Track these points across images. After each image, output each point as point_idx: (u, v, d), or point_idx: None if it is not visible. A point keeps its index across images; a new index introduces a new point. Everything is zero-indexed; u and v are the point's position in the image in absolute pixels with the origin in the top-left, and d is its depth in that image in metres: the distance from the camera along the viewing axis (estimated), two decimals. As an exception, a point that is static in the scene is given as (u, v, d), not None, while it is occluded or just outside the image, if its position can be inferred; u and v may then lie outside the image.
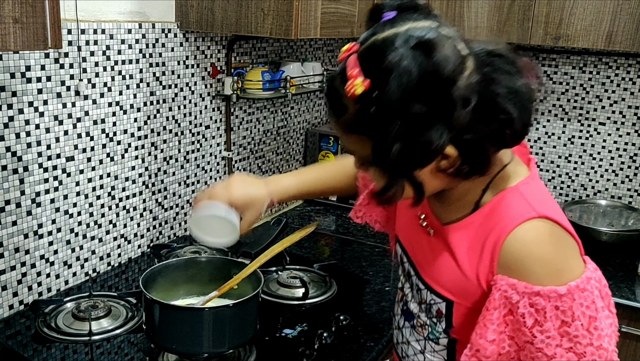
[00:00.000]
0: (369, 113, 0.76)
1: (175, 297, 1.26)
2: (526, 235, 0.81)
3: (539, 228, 0.81)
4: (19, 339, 1.30)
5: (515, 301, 0.79)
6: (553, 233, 0.82)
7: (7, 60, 1.28)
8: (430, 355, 0.97)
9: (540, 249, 0.80)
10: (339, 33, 1.73)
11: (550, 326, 0.78)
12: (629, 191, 2.30)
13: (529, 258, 0.80)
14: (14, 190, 1.35)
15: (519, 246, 0.81)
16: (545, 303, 0.78)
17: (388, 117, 0.75)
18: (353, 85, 0.77)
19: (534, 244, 0.81)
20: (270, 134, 2.20)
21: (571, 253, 0.83)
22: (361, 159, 0.85)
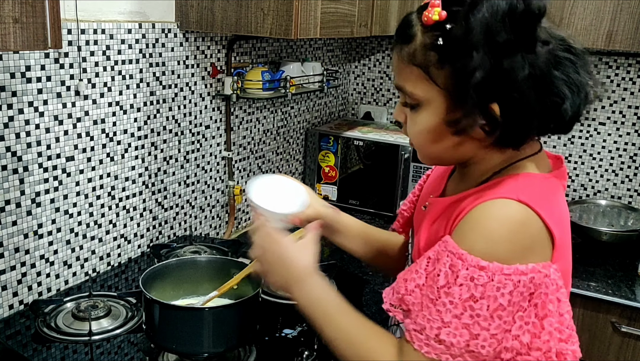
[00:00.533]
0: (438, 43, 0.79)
1: (175, 297, 1.26)
2: (489, 207, 0.80)
3: (508, 207, 0.79)
4: (18, 339, 1.30)
5: (440, 256, 0.80)
6: (521, 220, 0.78)
7: (7, 60, 1.28)
8: None
9: (492, 225, 0.78)
10: (338, 33, 1.73)
11: (457, 292, 0.77)
12: (629, 191, 2.30)
13: (475, 226, 0.79)
14: (14, 190, 1.35)
15: (477, 213, 0.80)
16: (462, 268, 0.77)
17: (470, 46, 0.76)
18: (432, 11, 0.79)
19: (490, 217, 0.79)
20: (270, 134, 2.20)
21: (528, 249, 0.79)
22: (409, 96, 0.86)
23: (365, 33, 1.87)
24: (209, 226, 1.99)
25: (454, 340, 0.77)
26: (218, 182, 1.98)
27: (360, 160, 2.35)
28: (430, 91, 0.83)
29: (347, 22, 1.76)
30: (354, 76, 2.78)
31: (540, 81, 0.78)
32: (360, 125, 2.50)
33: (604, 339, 1.76)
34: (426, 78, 0.82)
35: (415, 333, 0.81)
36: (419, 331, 0.81)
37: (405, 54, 0.84)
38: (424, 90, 0.83)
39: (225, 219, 2.06)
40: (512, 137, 0.82)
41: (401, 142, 2.22)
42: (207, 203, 1.96)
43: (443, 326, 0.78)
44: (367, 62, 2.74)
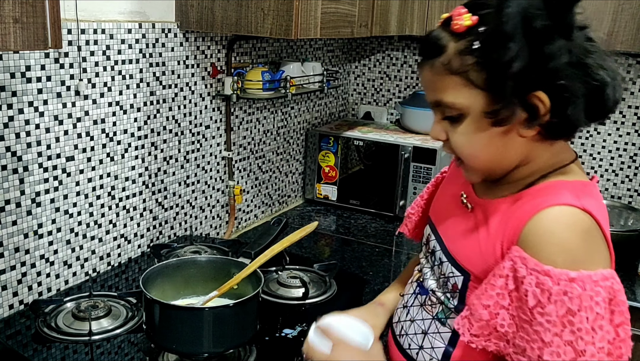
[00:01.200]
0: (474, 46, 0.79)
1: (175, 297, 1.26)
2: (557, 215, 0.79)
3: (576, 216, 0.79)
4: (19, 339, 1.30)
5: (521, 275, 0.77)
6: (588, 230, 0.79)
7: (7, 60, 1.28)
8: (432, 336, 0.95)
9: (567, 235, 0.77)
10: (339, 33, 1.73)
11: (552, 310, 0.74)
12: (629, 191, 2.30)
13: (551, 238, 0.77)
14: (14, 190, 1.35)
15: (546, 223, 0.78)
16: (553, 284, 0.74)
17: (506, 38, 0.77)
18: (461, 18, 0.80)
19: (562, 227, 0.78)
20: (270, 134, 2.20)
21: (597, 254, 0.79)
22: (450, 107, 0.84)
23: (365, 33, 1.87)
24: (209, 226, 1.99)
25: (559, 359, 0.75)
26: (218, 182, 1.98)
27: (361, 160, 2.35)
28: (472, 97, 0.82)
29: (347, 23, 1.76)
30: (354, 76, 2.78)
31: (580, 66, 0.79)
32: (360, 125, 2.50)
33: (604, 339, 1.76)
34: (466, 84, 0.81)
35: (517, 355, 0.79)
36: (520, 354, 0.78)
37: (439, 66, 0.83)
38: (466, 97, 0.82)
39: (226, 219, 2.06)
40: (562, 127, 0.82)
41: (401, 142, 2.22)
42: (207, 203, 1.96)
43: (544, 346, 0.75)
44: (367, 62, 2.74)
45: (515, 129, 0.83)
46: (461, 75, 0.81)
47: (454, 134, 0.87)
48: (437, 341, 0.95)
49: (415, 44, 2.61)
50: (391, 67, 2.69)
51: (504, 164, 0.88)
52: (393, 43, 2.67)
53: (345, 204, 2.35)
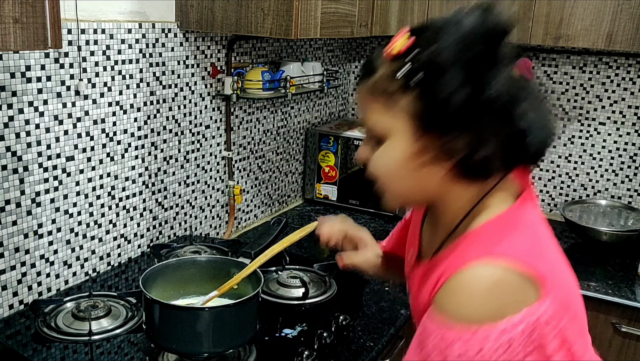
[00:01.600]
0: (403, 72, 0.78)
1: (175, 297, 1.26)
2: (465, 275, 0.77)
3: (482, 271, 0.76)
4: (18, 339, 1.30)
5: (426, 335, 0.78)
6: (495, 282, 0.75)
7: (7, 60, 1.28)
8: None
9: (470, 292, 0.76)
10: (339, 33, 1.73)
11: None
12: (629, 191, 2.30)
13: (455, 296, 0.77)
14: (14, 190, 1.35)
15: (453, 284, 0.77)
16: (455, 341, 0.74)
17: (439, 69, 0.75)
18: (396, 41, 0.80)
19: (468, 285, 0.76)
20: (270, 134, 2.20)
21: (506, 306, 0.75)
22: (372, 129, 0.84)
23: (365, 33, 1.87)
24: (209, 226, 1.99)
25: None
26: (218, 182, 1.98)
27: (360, 160, 2.35)
28: (394, 121, 0.81)
29: (347, 22, 1.76)
30: (354, 76, 2.78)
31: (507, 107, 0.77)
32: (360, 125, 2.50)
33: (604, 339, 1.76)
34: (390, 108, 0.80)
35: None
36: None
37: (368, 86, 0.83)
38: (387, 120, 0.81)
39: (225, 219, 2.06)
40: (479, 167, 0.79)
41: (401, 142, 2.22)
42: (207, 203, 1.96)
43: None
44: (367, 62, 2.73)
45: (430, 163, 0.81)
46: (385, 98, 0.81)
47: (374, 157, 0.85)
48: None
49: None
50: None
51: (418, 195, 0.87)
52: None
53: (345, 204, 2.35)
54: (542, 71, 2.34)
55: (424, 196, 0.87)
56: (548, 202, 2.43)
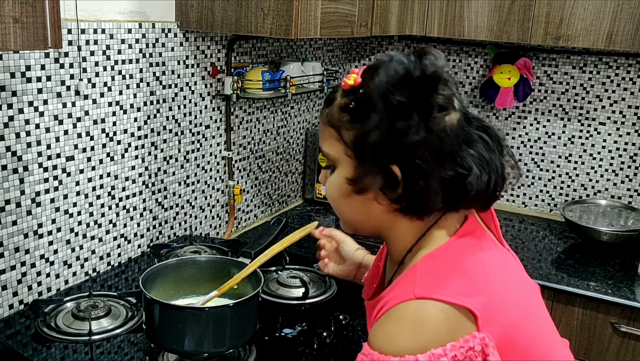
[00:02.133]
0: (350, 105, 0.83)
1: (175, 297, 1.26)
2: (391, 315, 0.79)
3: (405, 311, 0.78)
4: (18, 338, 1.30)
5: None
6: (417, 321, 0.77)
7: (7, 60, 1.28)
8: None
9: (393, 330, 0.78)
10: (339, 33, 1.73)
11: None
12: (629, 191, 2.30)
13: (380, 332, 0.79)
14: (14, 190, 1.35)
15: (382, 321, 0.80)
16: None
17: (369, 108, 0.80)
18: (349, 76, 0.84)
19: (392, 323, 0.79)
20: (270, 134, 2.20)
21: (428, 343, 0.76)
22: (325, 157, 0.89)
23: (365, 33, 1.87)
24: (209, 226, 1.99)
25: None
26: (218, 182, 1.99)
27: (360, 160, 2.35)
28: (340, 151, 0.86)
29: (347, 22, 1.76)
30: (354, 75, 2.77)
31: (442, 149, 0.79)
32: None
33: (603, 339, 1.76)
34: (338, 138, 0.85)
35: None
36: None
37: (324, 115, 0.88)
38: (337, 150, 0.86)
39: (225, 219, 2.06)
40: (416, 204, 0.82)
41: (401, 142, 2.22)
42: (207, 203, 1.96)
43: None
44: (367, 62, 2.74)
45: (372, 195, 0.85)
46: (335, 129, 0.86)
47: (327, 182, 0.90)
48: None
49: (415, 44, 2.61)
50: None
51: (367, 224, 0.90)
52: (393, 43, 2.67)
53: (345, 204, 2.35)
54: (542, 71, 2.34)
55: (372, 226, 0.90)
56: (548, 202, 2.43)
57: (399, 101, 0.79)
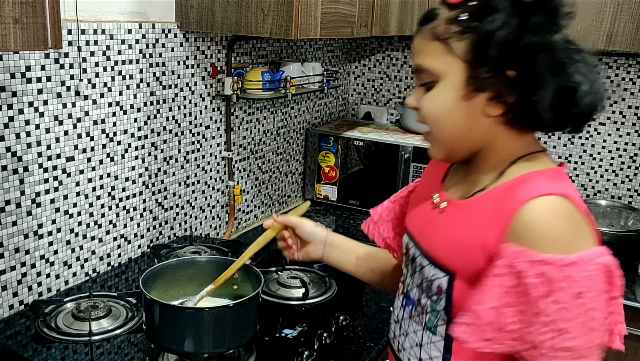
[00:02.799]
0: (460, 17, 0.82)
1: (175, 297, 1.26)
2: (544, 207, 0.79)
3: (558, 203, 0.79)
4: (19, 339, 1.30)
5: (520, 269, 0.77)
6: (572, 213, 0.80)
7: (7, 60, 1.28)
8: (427, 347, 0.94)
9: (557, 223, 0.78)
10: (339, 33, 1.73)
11: (561, 297, 0.75)
12: (629, 191, 2.30)
13: (543, 228, 0.78)
14: (14, 190, 1.35)
15: (534, 216, 0.79)
16: (554, 272, 0.75)
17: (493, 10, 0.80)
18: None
19: (550, 217, 0.79)
20: (270, 134, 2.20)
21: (585, 237, 0.80)
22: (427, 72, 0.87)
23: (365, 34, 1.87)
24: (209, 226, 1.99)
25: (578, 342, 0.76)
26: (218, 182, 1.99)
27: (360, 160, 2.35)
28: (449, 64, 0.84)
29: (347, 23, 1.76)
30: (354, 76, 2.78)
31: (559, 58, 0.81)
32: (360, 125, 2.50)
33: (604, 339, 1.76)
34: (446, 51, 0.84)
35: (528, 351, 0.79)
36: (532, 348, 0.79)
37: (426, 31, 0.86)
38: (443, 63, 0.85)
39: (225, 220, 2.06)
40: (527, 115, 0.83)
41: (401, 142, 2.22)
42: (207, 203, 1.96)
43: (559, 334, 0.76)
44: (367, 62, 2.74)
45: (481, 106, 0.84)
46: (443, 42, 0.84)
47: (426, 99, 0.89)
48: (434, 352, 0.93)
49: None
50: (391, 68, 2.69)
51: (467, 140, 0.89)
52: (393, 43, 2.67)
53: (345, 204, 2.35)
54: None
55: (470, 142, 0.89)
56: (548, 202, 2.43)
57: (521, 5, 0.79)
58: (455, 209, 0.92)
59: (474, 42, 0.82)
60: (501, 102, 0.83)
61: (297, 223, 1.20)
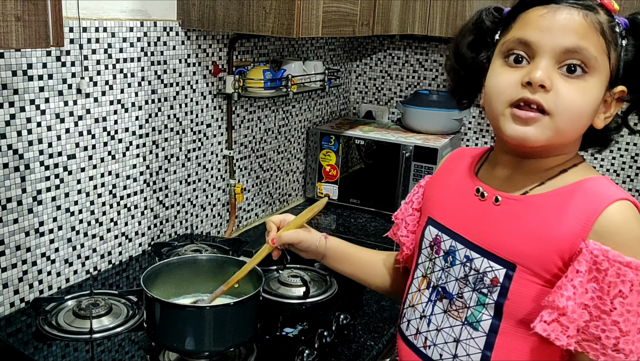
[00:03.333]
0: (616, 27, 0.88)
1: (176, 295, 1.26)
2: (627, 211, 0.84)
3: (634, 209, 0.85)
4: (19, 337, 1.30)
5: (604, 268, 0.80)
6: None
7: (8, 58, 1.28)
8: (465, 343, 0.93)
9: (637, 228, 0.84)
10: (340, 32, 1.73)
11: (633, 300, 0.78)
12: (630, 191, 2.30)
13: (627, 232, 0.82)
14: (16, 188, 1.35)
15: (619, 218, 0.83)
16: (634, 276, 0.78)
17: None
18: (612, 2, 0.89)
19: (633, 221, 0.84)
20: (271, 133, 2.20)
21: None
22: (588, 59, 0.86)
23: (367, 32, 1.87)
24: (210, 224, 1.99)
25: (634, 347, 0.79)
26: (219, 180, 1.99)
27: (362, 159, 2.35)
28: (603, 64, 0.86)
29: (349, 22, 1.76)
30: (356, 75, 2.78)
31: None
32: (361, 124, 2.50)
33: (604, 339, 1.76)
34: (605, 51, 0.86)
35: (587, 343, 0.82)
36: (592, 342, 0.82)
37: (594, 21, 0.86)
38: (601, 61, 0.86)
39: (226, 218, 2.06)
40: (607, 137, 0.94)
41: (402, 141, 2.22)
42: (208, 202, 1.96)
43: (622, 335, 0.79)
44: (369, 61, 2.74)
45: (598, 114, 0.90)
46: (605, 40, 0.86)
47: (566, 85, 0.85)
48: (472, 348, 0.92)
49: (417, 44, 2.61)
50: (393, 67, 2.69)
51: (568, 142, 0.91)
52: (395, 42, 2.67)
53: (345, 203, 2.35)
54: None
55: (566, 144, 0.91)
56: (549, 202, 2.43)
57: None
58: (516, 204, 0.92)
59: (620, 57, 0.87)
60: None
61: (296, 240, 1.17)
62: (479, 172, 1.01)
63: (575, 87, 0.85)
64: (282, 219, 1.19)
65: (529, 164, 0.93)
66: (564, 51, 0.84)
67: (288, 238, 1.16)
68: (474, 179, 1.00)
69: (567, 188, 0.89)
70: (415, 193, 1.14)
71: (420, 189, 1.13)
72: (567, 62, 0.85)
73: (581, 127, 0.89)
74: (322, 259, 1.21)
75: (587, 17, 0.85)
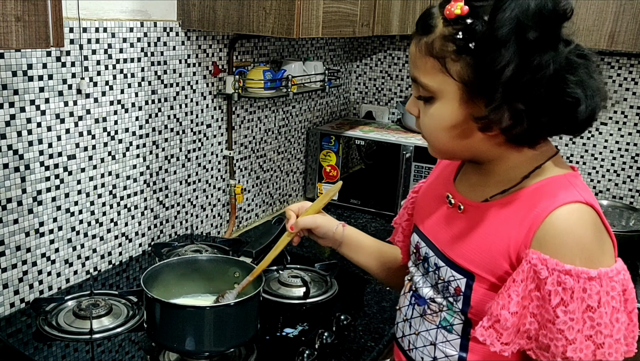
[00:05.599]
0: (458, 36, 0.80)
1: (176, 296, 1.26)
2: (571, 215, 0.80)
3: (585, 212, 0.81)
4: (20, 337, 1.30)
5: (543, 276, 0.78)
6: (596, 223, 0.82)
7: (9, 58, 1.28)
8: (442, 346, 0.94)
9: (581, 232, 0.80)
10: (340, 32, 1.73)
11: (575, 308, 0.77)
12: (630, 191, 2.30)
13: (567, 237, 0.79)
14: (16, 188, 1.35)
15: (560, 223, 0.80)
16: (574, 283, 0.77)
17: (498, 43, 0.77)
18: (455, 5, 0.80)
19: (577, 225, 0.80)
20: (271, 133, 2.20)
21: (607, 246, 0.83)
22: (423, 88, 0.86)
23: (367, 33, 1.87)
24: (210, 225, 1.99)
25: (582, 354, 0.78)
26: (219, 181, 1.99)
27: (362, 159, 2.35)
28: (444, 83, 0.83)
29: (349, 22, 1.76)
30: (356, 75, 2.78)
31: (559, 81, 0.79)
32: (361, 124, 2.50)
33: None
34: (441, 70, 0.83)
35: (540, 351, 0.82)
36: (544, 349, 0.82)
37: (423, 45, 0.84)
38: (439, 82, 0.84)
39: (226, 218, 2.06)
40: (526, 136, 0.82)
41: (403, 141, 2.22)
42: (208, 202, 1.96)
43: (568, 343, 0.78)
44: (369, 61, 2.74)
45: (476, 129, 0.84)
46: (439, 60, 0.83)
47: (423, 114, 0.89)
48: (449, 350, 0.94)
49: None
50: (393, 67, 2.69)
51: (467, 151, 0.90)
52: (395, 42, 2.67)
53: (346, 204, 2.35)
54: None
55: (470, 154, 0.90)
56: (549, 202, 2.43)
57: (535, 37, 0.77)
58: (475, 212, 0.91)
59: (467, 68, 0.80)
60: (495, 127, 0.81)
61: (313, 225, 1.18)
62: (457, 177, 1.01)
63: (427, 113, 0.88)
64: (300, 206, 1.21)
65: (490, 170, 0.92)
66: (413, 81, 0.89)
67: (305, 223, 1.17)
68: (447, 186, 1.00)
69: (523, 193, 0.86)
70: (410, 198, 1.15)
71: (414, 195, 1.14)
72: (419, 94, 0.88)
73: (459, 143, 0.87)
74: (338, 246, 1.22)
75: (419, 43, 0.85)
